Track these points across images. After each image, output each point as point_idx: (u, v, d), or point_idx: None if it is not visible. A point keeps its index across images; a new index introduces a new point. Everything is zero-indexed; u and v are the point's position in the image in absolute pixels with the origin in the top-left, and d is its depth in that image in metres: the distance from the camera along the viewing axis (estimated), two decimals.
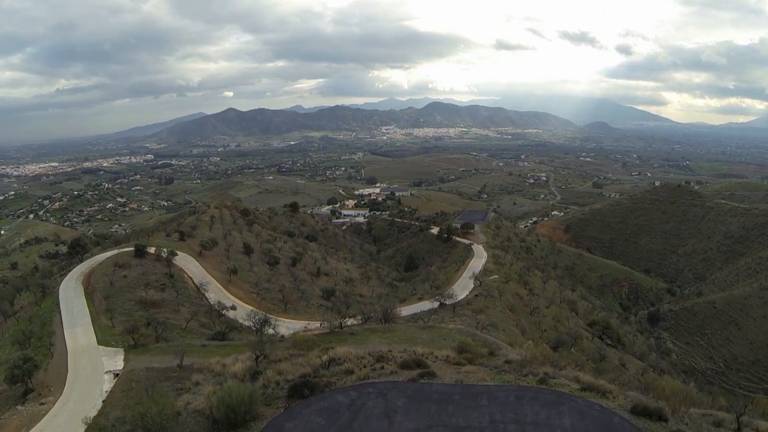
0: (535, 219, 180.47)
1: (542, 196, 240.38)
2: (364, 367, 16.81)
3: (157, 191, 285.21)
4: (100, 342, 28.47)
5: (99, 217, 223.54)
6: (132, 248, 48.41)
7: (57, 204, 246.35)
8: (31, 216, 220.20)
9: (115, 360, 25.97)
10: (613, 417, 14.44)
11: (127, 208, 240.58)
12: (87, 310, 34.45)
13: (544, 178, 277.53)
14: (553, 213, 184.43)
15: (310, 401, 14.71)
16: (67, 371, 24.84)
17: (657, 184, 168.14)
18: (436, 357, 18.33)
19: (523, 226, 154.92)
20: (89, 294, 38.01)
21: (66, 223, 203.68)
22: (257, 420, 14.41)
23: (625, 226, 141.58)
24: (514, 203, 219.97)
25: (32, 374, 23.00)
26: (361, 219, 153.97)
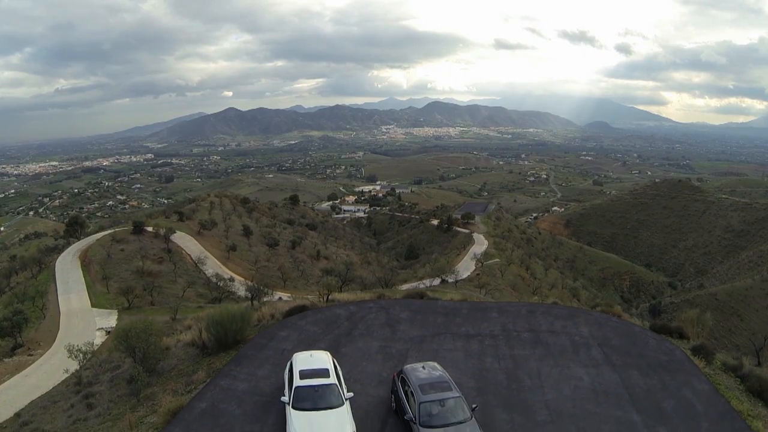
0: (535, 215, 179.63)
1: (542, 193, 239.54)
2: (364, 301, 16.25)
3: (158, 189, 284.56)
4: (94, 305, 27.98)
5: (99, 214, 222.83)
6: (130, 227, 48.10)
7: (57, 202, 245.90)
8: (31, 213, 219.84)
9: (108, 320, 25.46)
10: (633, 327, 13.98)
11: (127, 206, 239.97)
12: (83, 279, 33.99)
13: (545, 176, 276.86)
14: (553, 209, 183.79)
15: (306, 314, 14.15)
16: (59, 329, 24.35)
17: (657, 181, 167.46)
18: (440, 298, 17.80)
19: (523, 221, 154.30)
20: (85, 266, 37.53)
21: (66, 220, 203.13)
22: (249, 343, 13.91)
23: (625, 221, 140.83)
24: (515, 200, 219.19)
25: (22, 328, 22.49)
26: (361, 214, 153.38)
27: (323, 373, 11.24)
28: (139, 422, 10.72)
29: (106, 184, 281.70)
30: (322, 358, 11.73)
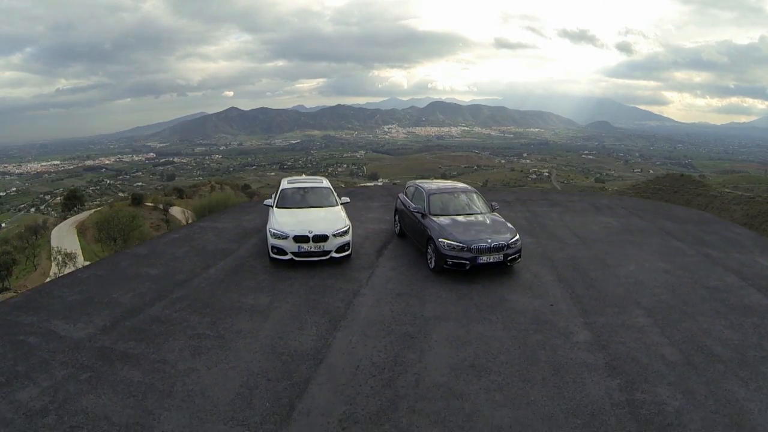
0: None
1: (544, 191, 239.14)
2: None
3: (159, 187, 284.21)
4: (87, 260, 27.51)
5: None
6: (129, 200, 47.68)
7: (58, 199, 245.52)
8: (33, 210, 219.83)
9: None
10: (655, 203, 13.66)
11: None
12: (78, 242, 33.59)
13: (546, 174, 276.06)
14: None
15: None
16: (48, 276, 23.88)
17: (659, 176, 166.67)
18: None
19: None
20: (81, 232, 37.21)
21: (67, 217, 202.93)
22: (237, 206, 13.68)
23: None
24: None
25: (10, 269, 21.98)
26: None
27: (316, 181, 10.74)
28: None
29: (108, 182, 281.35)
30: (315, 178, 11.25)
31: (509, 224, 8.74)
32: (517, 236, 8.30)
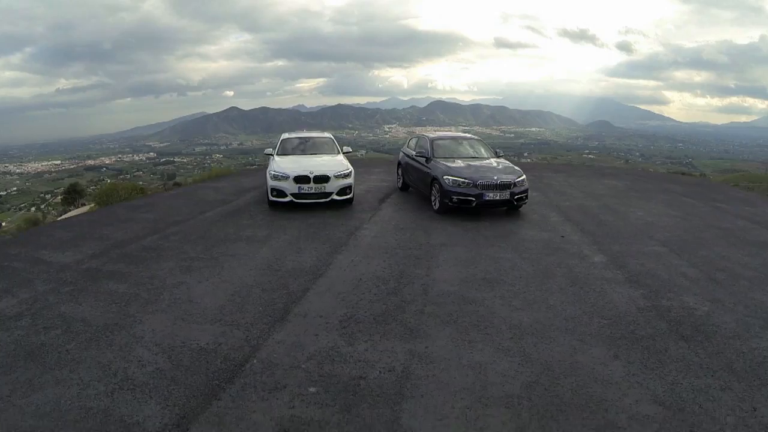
0: None
1: None
2: None
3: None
4: None
5: None
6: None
7: (59, 198, 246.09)
8: (33, 209, 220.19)
9: None
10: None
11: None
12: None
13: None
14: None
15: None
16: None
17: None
18: None
19: None
20: None
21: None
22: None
23: None
24: None
25: None
26: None
27: (317, 133, 10.59)
28: None
29: (108, 181, 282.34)
30: (317, 132, 11.01)
31: (516, 167, 8.44)
32: (524, 176, 8.01)
